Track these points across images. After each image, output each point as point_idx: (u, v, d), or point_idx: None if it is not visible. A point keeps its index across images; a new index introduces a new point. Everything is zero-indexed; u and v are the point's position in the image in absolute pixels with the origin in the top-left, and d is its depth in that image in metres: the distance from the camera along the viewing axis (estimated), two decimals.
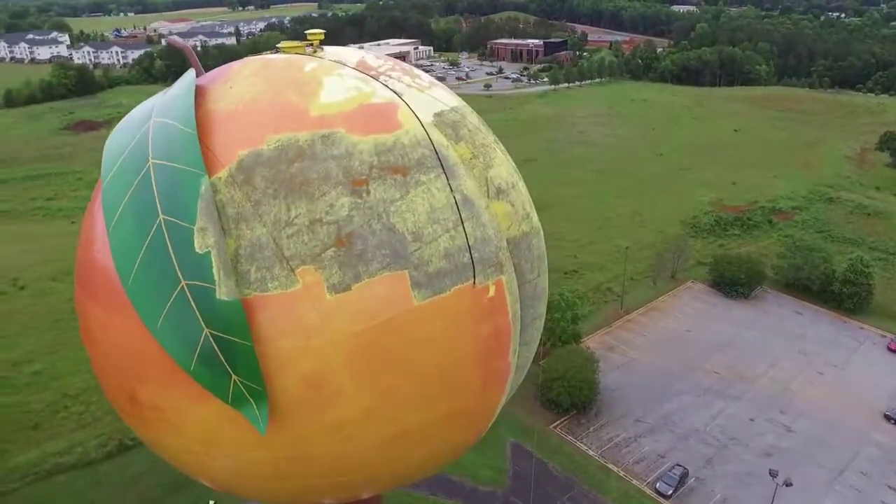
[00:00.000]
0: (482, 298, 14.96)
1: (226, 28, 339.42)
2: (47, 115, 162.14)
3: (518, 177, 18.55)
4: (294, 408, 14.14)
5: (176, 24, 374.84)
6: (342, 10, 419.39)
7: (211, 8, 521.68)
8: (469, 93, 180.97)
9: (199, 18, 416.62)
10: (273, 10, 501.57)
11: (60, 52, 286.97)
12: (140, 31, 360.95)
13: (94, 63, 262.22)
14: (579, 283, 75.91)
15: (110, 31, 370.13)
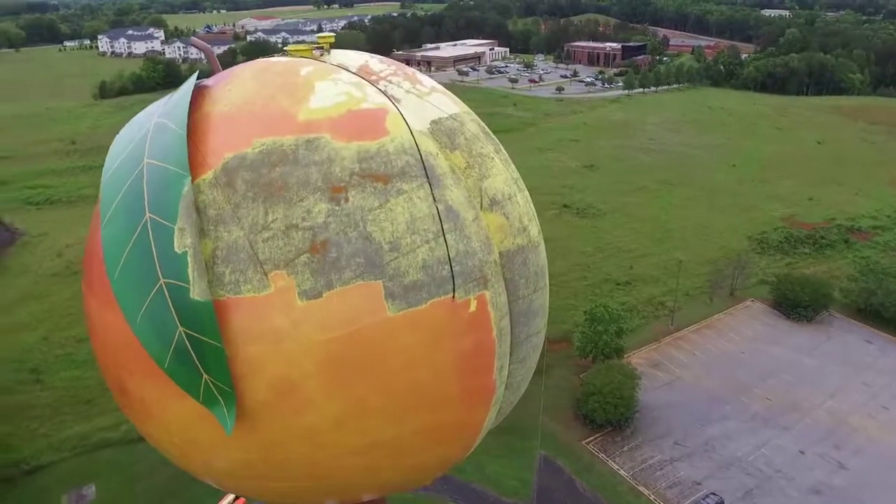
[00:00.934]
0: (462, 313, 14.32)
1: (308, 26, 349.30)
2: (136, 107, 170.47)
3: (518, 188, 17.61)
4: (264, 411, 14.24)
5: (262, 21, 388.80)
6: (423, 10, 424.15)
7: (297, 6, 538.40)
8: (540, 95, 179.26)
9: (285, 16, 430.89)
10: (356, 8, 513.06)
11: (155, 46, 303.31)
12: (228, 28, 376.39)
13: (183, 57, 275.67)
14: (631, 295, 73.74)
15: (202, 28, 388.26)
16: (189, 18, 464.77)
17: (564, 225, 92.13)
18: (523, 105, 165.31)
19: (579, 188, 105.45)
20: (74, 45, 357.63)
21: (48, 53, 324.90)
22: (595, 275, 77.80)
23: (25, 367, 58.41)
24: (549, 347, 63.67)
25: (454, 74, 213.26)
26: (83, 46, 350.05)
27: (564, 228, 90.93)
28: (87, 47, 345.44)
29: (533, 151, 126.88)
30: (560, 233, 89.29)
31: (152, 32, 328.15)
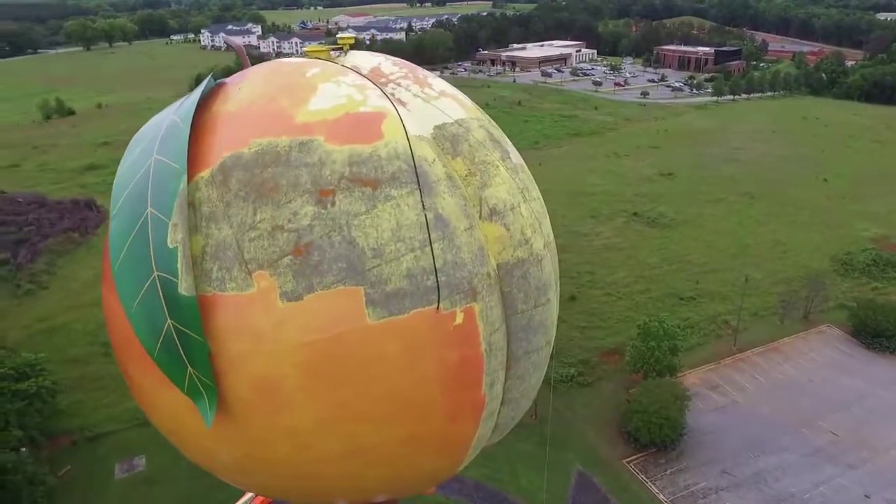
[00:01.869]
0: (447, 325, 14.10)
1: (399, 23, 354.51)
2: None
3: (524, 199, 16.71)
4: (246, 409, 14.43)
5: (355, 17, 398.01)
6: (514, 9, 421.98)
7: (391, 4, 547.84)
8: (624, 99, 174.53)
9: (377, 13, 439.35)
10: (448, 7, 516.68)
11: (251, 41, 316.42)
12: (322, 24, 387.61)
13: (277, 52, 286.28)
14: (694, 311, 70.48)
15: (297, 23, 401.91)
16: (287, 14, 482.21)
17: (632, 233, 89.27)
18: (604, 109, 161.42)
19: (652, 196, 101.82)
20: (180, 39, 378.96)
21: (156, 47, 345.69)
22: (658, 287, 74.85)
23: (98, 341, 62.08)
24: (600, 359, 61.93)
25: (538, 75, 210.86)
26: (187, 40, 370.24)
27: (632, 237, 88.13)
28: (190, 41, 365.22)
29: (609, 157, 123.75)
30: (626, 241, 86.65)
31: (250, 27, 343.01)
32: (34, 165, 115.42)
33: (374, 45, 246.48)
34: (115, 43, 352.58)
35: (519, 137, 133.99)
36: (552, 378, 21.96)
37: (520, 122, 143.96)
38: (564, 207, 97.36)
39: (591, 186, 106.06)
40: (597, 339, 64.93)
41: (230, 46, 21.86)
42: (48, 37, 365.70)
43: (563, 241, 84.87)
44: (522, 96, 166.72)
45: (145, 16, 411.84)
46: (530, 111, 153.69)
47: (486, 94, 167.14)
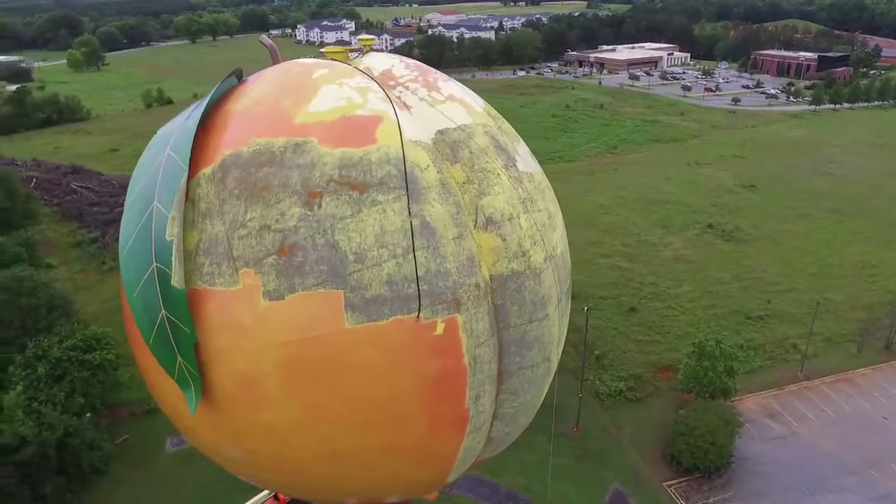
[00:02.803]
0: (427, 335, 13.91)
1: (490, 22, 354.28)
2: None
3: (525, 209, 15.96)
4: (230, 402, 14.90)
5: (446, 15, 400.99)
6: (609, 10, 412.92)
7: (484, 2, 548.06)
8: (713, 106, 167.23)
9: (470, 12, 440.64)
10: (542, 6, 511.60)
11: (343, 37, 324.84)
12: (414, 21, 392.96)
13: None
14: (761, 332, 66.61)
15: (390, 20, 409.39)
16: (381, 11, 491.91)
17: (704, 246, 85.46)
18: (690, 115, 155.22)
19: (730, 209, 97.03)
20: (278, 34, 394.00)
21: (254, 41, 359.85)
22: (725, 304, 71.27)
23: None
24: (654, 374, 59.65)
25: (625, 78, 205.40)
26: (284, 35, 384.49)
27: (703, 250, 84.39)
28: (287, 36, 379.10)
29: (689, 165, 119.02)
30: (697, 254, 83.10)
31: (344, 24, 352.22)
32: (131, 150, 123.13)
33: (462, 43, 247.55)
34: (219, 37, 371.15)
35: (597, 141, 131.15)
36: (555, 397, 20.67)
37: (600, 125, 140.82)
38: (635, 215, 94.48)
39: (666, 195, 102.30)
40: (653, 354, 62.59)
41: (265, 46, 22.15)
42: (160, 30, 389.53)
43: (629, 250, 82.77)
44: (606, 99, 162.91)
45: (248, 11, 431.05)
46: (612, 115, 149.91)
47: (569, 95, 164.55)
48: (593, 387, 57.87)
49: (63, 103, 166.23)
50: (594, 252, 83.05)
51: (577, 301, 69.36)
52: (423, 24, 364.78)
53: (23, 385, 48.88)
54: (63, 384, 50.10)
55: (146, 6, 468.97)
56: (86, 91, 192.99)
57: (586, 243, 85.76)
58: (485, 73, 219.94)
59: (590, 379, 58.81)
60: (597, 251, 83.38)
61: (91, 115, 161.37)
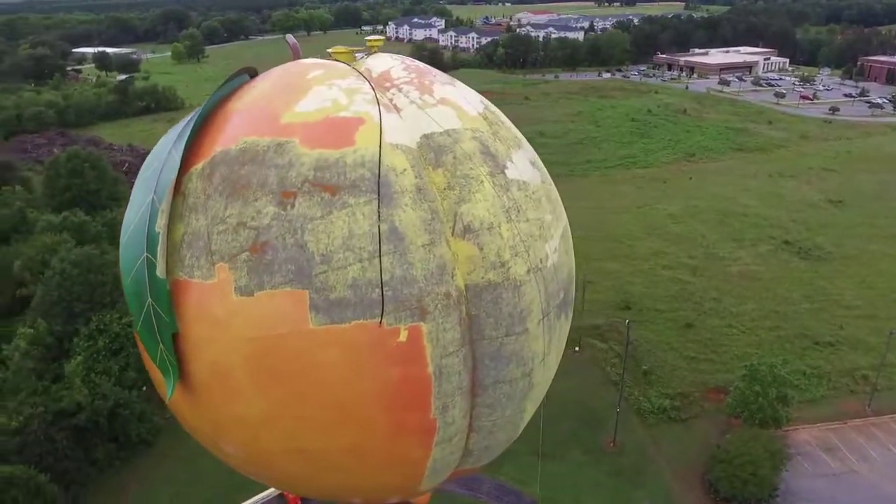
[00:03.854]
0: (389, 341, 13.83)
1: (580, 22, 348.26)
2: None
3: (508, 219, 15.32)
4: (205, 391, 15.56)
5: (537, 15, 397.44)
6: (708, 11, 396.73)
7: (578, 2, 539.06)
8: (807, 114, 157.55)
9: (563, 11, 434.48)
10: (637, 7, 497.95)
11: (432, 35, 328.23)
12: (505, 20, 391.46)
13: (454, 46, 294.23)
14: (829, 359, 62.24)
15: (480, 18, 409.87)
16: (473, 9, 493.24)
17: (777, 263, 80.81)
18: (780, 123, 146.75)
19: (811, 225, 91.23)
20: (369, 30, 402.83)
21: (346, 36, 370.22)
22: (791, 326, 67.08)
23: None
24: (703, 395, 56.97)
25: (715, 83, 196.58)
26: (376, 31, 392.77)
27: (775, 267, 79.81)
28: (379, 32, 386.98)
29: (772, 177, 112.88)
30: (768, 271, 78.71)
31: (433, 21, 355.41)
32: None
33: (548, 44, 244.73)
34: (312, 32, 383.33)
35: (675, 148, 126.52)
36: (542, 416, 19.81)
37: (680, 131, 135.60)
38: (706, 227, 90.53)
39: (742, 207, 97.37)
40: (704, 374, 59.77)
41: (289, 45, 22.67)
42: (259, 25, 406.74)
43: (694, 262, 79.43)
44: (690, 104, 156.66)
45: (342, 7, 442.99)
46: (694, 121, 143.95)
47: (652, 99, 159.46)
48: (636, 402, 55.92)
49: (161, 93, 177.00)
50: (657, 263, 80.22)
51: (630, 313, 68.04)
52: (512, 22, 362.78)
53: (83, 356, 52.40)
54: (119, 358, 53.30)
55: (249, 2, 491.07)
56: (184, 82, 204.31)
57: (650, 253, 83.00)
58: (569, 75, 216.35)
59: (634, 394, 56.90)
60: (659, 262, 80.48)
61: (185, 104, 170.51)
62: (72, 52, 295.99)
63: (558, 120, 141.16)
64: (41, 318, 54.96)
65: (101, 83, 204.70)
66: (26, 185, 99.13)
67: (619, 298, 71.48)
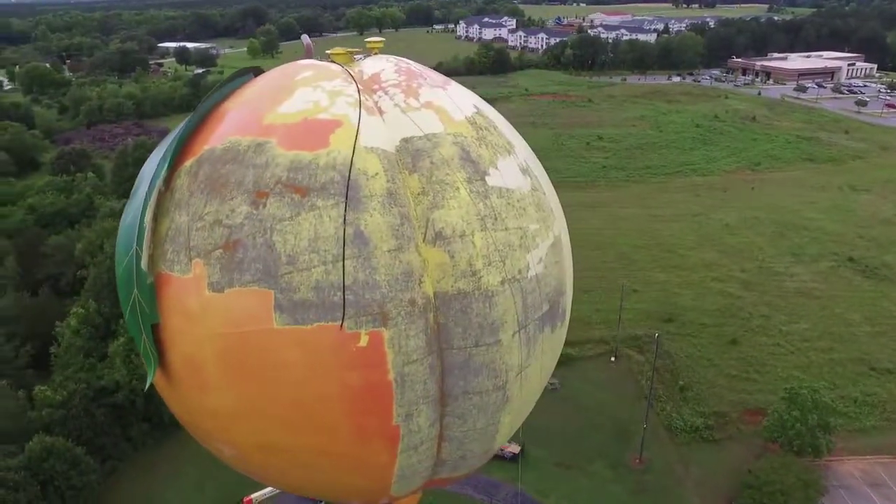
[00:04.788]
0: (350, 345, 14.04)
1: (655, 24, 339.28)
2: None
3: (481, 227, 15.22)
4: (181, 380, 16.24)
5: (610, 16, 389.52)
6: (793, 13, 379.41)
7: (656, 3, 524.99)
8: (890, 125, 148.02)
9: (639, 12, 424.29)
10: (718, 9, 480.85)
11: (502, 34, 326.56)
12: (577, 21, 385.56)
13: (522, 46, 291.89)
14: (885, 387, 58.16)
15: (552, 19, 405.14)
16: (546, 9, 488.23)
17: (838, 281, 76.41)
18: (858, 133, 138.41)
19: (881, 242, 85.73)
20: (440, 29, 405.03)
21: (416, 35, 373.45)
22: (847, 350, 63.22)
23: None
24: (740, 415, 54.49)
25: (791, 89, 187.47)
26: (446, 30, 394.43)
27: (836, 285, 75.51)
28: (448, 31, 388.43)
29: (842, 189, 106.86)
30: (826, 289, 74.61)
31: (504, 21, 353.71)
32: None
33: (617, 45, 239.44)
34: (384, 30, 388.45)
35: (739, 156, 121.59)
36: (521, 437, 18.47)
37: (746, 139, 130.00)
38: (764, 240, 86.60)
39: (805, 220, 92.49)
40: (744, 393, 57.11)
41: (304, 45, 23.09)
42: (333, 22, 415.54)
43: (747, 276, 76.18)
44: (761, 111, 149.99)
45: (414, 6, 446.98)
46: (764, 128, 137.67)
47: (720, 105, 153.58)
48: (668, 418, 53.98)
49: None
50: (707, 275, 77.25)
51: (674, 325, 65.94)
52: (585, 23, 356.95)
53: (125, 338, 54.74)
54: None
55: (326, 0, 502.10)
56: None
57: (700, 264, 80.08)
58: (637, 78, 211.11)
59: (666, 410, 54.98)
60: (710, 274, 77.47)
61: None
62: (157, 47, 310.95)
63: (620, 124, 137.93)
64: (92, 300, 57.74)
65: (177, 77, 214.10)
66: (98, 173, 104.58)
67: (662, 310, 69.18)
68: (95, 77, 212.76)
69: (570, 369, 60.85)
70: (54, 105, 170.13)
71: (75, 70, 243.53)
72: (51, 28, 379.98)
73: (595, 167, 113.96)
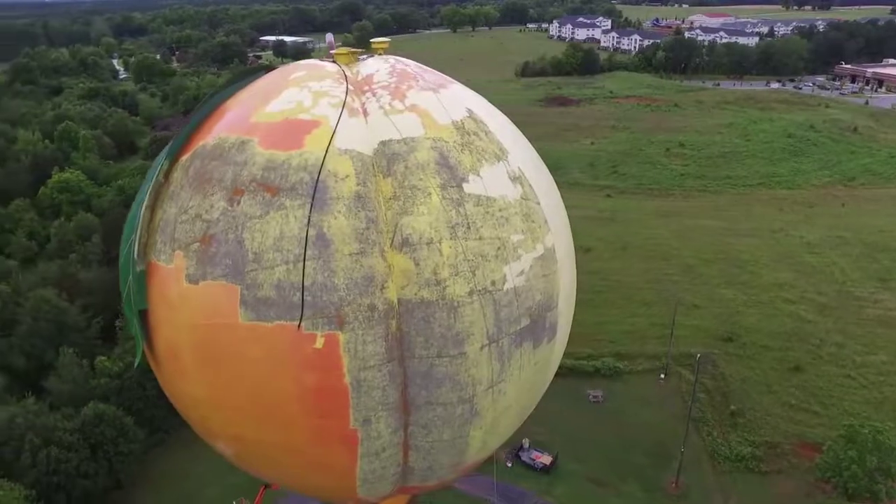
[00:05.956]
0: (307, 346, 14.29)
1: (758, 27, 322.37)
2: (539, 87, 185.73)
3: (451, 235, 15.01)
4: (166, 367, 17.28)
5: (712, 17, 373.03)
6: None
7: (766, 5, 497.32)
8: None
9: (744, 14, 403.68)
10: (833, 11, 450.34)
11: (595, 35, 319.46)
12: (677, 22, 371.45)
13: (615, 47, 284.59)
14: None
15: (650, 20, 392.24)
16: (644, 10, 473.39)
17: None
18: None
19: None
20: (533, 28, 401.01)
21: (509, 33, 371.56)
22: None
23: None
24: (794, 448, 51.06)
25: None
26: (539, 29, 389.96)
27: None
28: (541, 30, 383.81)
29: None
30: None
31: (598, 21, 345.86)
32: None
33: (713, 49, 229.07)
34: (478, 27, 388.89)
35: (832, 170, 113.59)
36: (495, 465, 17.40)
37: (843, 151, 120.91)
38: (847, 261, 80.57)
39: None
40: (802, 425, 53.33)
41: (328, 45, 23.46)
42: (427, 19, 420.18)
43: (824, 300, 71.30)
44: (864, 122, 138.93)
45: (509, 4, 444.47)
46: (865, 140, 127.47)
47: (819, 114, 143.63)
48: (713, 444, 51.19)
49: None
50: (778, 294, 72.64)
51: (733, 345, 62.72)
52: (684, 25, 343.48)
53: None
54: None
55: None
56: None
57: (773, 283, 75.44)
58: (732, 83, 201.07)
59: (712, 434, 52.18)
60: (782, 294, 72.79)
61: None
62: (258, 40, 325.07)
63: (705, 130, 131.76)
64: None
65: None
66: None
67: (723, 328, 65.62)
68: (198, 68, 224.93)
69: (617, 383, 59.03)
70: (158, 93, 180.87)
71: (182, 61, 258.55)
72: (166, 21, 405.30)
73: (672, 175, 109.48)
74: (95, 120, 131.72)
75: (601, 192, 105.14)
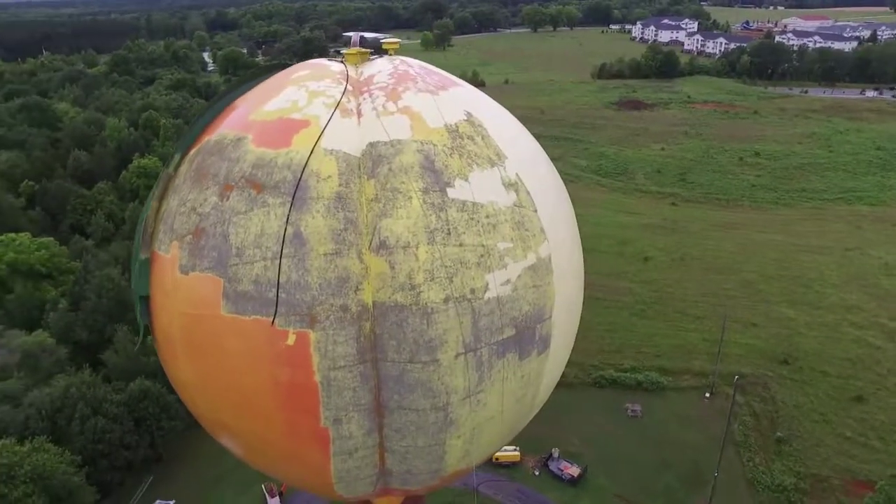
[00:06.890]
0: (279, 342, 14.66)
1: (859, 31, 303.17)
2: (614, 90, 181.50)
3: (429, 240, 14.92)
4: (163, 351, 18.22)
5: (807, 20, 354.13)
6: None
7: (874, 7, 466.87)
8: None
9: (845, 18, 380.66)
10: None
11: (679, 37, 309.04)
12: (767, 26, 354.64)
13: (699, 51, 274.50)
14: None
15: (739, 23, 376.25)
16: (736, 13, 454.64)
17: None
18: None
19: None
20: (616, 29, 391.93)
21: (590, 34, 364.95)
22: None
23: None
24: (843, 483, 48.01)
25: None
26: (622, 30, 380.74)
27: None
28: (624, 31, 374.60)
29: None
30: None
31: (684, 23, 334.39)
32: None
33: (803, 55, 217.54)
34: (559, 28, 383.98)
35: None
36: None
37: None
38: None
39: None
40: (856, 460, 49.93)
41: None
42: (508, 17, 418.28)
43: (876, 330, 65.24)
44: None
45: (592, 4, 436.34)
46: None
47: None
48: (754, 470, 48.67)
49: None
50: (845, 318, 68.25)
51: (788, 369, 59.77)
52: (776, 28, 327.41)
53: None
54: None
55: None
56: None
57: (840, 305, 70.95)
58: (822, 90, 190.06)
59: (754, 461, 49.61)
60: (850, 317, 68.35)
61: None
62: (342, 36, 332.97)
63: (784, 140, 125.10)
64: None
65: None
66: None
67: (779, 350, 62.27)
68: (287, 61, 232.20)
69: (658, 398, 57.05)
70: None
71: (267, 55, 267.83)
72: (255, 17, 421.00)
73: (742, 185, 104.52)
74: (178, 109, 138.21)
75: (666, 199, 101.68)
